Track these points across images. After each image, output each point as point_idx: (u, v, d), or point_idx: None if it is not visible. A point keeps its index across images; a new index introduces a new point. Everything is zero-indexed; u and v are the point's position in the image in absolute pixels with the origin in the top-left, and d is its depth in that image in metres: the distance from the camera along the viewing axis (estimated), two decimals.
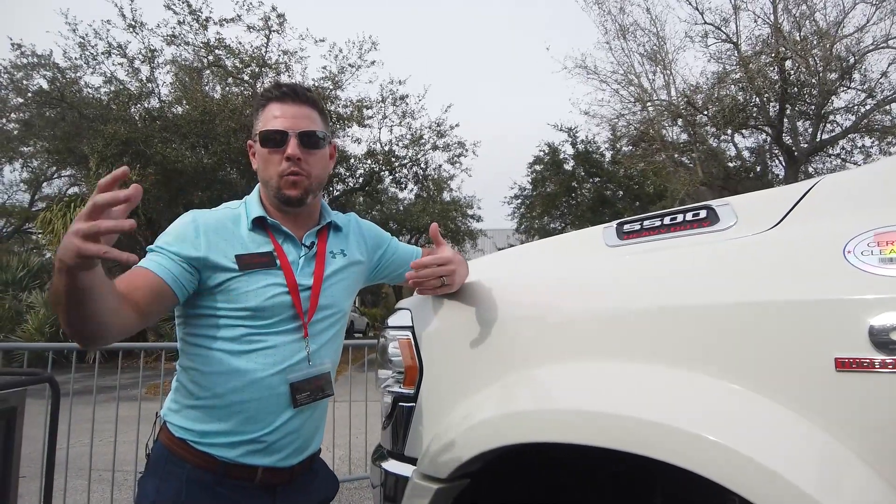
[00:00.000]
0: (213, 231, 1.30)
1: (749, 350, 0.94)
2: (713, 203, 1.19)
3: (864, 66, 13.02)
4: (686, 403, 0.98)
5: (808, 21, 13.17)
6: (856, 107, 13.69)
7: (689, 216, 1.20)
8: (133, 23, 13.11)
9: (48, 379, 2.42)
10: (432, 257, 1.34)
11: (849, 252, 0.90)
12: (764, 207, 1.12)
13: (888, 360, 0.82)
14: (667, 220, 1.22)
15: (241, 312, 1.29)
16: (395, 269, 1.62)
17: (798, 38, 12.94)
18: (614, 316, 1.12)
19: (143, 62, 13.57)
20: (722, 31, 14.14)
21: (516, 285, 1.38)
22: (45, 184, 23.03)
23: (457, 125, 17.11)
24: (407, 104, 15.97)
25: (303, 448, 1.38)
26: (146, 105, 13.59)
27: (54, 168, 21.25)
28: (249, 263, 1.30)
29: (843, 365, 0.85)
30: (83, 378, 5.03)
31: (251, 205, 1.39)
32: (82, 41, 13.21)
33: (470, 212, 21.27)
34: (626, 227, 1.29)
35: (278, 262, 1.34)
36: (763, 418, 0.90)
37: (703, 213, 1.18)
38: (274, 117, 1.35)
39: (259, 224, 1.36)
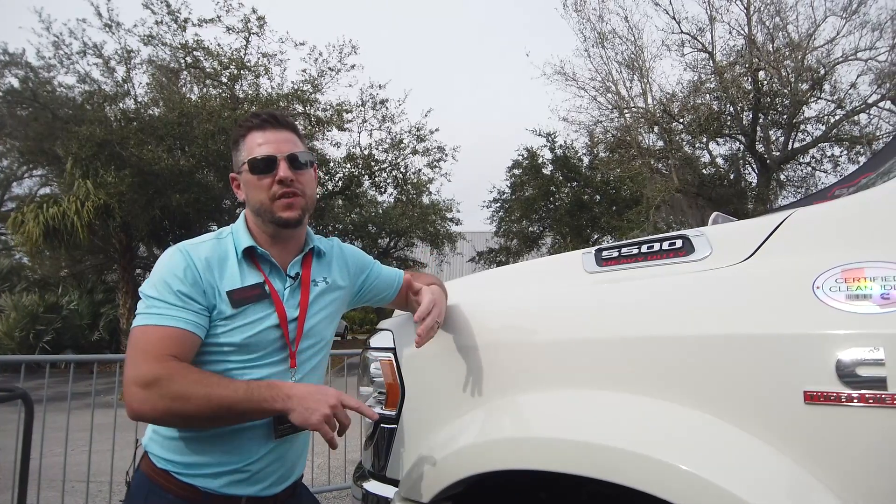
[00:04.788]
0: (205, 268, 1.30)
1: (722, 381, 0.98)
2: (689, 233, 1.22)
3: (833, 78, 13.37)
4: (661, 433, 1.01)
5: (780, 33, 13.51)
6: (826, 117, 14.03)
7: (665, 245, 1.23)
8: (109, 22, 12.85)
9: (21, 395, 2.38)
10: (425, 308, 1.37)
11: (817, 287, 0.94)
12: (738, 239, 1.16)
13: (854, 395, 0.86)
14: (644, 249, 1.25)
15: (226, 348, 1.29)
16: (378, 293, 1.62)
17: (771, 50, 13.25)
18: (591, 344, 1.15)
19: (118, 62, 13.32)
20: (698, 40, 14.39)
21: (497, 310, 1.40)
22: (14, 184, 22.45)
23: (436, 130, 17.09)
24: (387, 108, 15.92)
25: (286, 476, 1.38)
26: (121, 106, 13.30)
27: (25, 168, 20.77)
28: (241, 299, 1.30)
29: (811, 398, 0.89)
30: (56, 384, 4.92)
31: (239, 235, 1.38)
32: (56, 40, 12.94)
33: (449, 215, 21.27)
34: (605, 253, 1.32)
35: (269, 294, 1.34)
36: (735, 449, 0.94)
37: (679, 243, 1.21)
38: (258, 144, 1.36)
39: (248, 254, 1.36)
